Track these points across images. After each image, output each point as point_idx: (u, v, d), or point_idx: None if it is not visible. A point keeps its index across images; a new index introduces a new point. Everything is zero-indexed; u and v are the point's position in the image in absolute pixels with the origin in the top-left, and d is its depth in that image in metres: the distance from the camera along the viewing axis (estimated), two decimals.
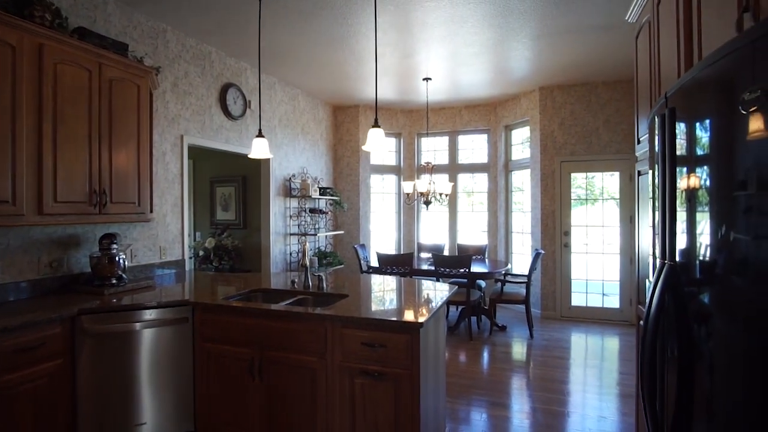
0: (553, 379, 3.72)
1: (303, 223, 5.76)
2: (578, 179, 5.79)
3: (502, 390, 3.54)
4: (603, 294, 5.64)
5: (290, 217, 5.56)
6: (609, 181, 5.66)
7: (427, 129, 6.64)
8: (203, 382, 2.53)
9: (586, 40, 4.15)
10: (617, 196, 5.53)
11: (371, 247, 6.75)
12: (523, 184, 6.41)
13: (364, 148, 2.75)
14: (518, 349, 4.55)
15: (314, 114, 6.25)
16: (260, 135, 3.12)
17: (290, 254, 5.55)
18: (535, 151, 5.85)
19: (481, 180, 6.87)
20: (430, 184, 5.15)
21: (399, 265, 4.82)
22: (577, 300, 5.66)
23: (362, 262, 5.57)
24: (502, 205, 6.53)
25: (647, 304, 1.18)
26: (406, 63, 4.80)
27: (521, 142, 6.41)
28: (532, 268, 4.89)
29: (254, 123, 4.88)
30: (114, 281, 2.84)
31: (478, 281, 5.32)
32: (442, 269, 4.74)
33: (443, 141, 7.05)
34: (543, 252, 5.00)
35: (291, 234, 5.56)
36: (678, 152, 1.27)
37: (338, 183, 6.79)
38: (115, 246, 2.87)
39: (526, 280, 4.87)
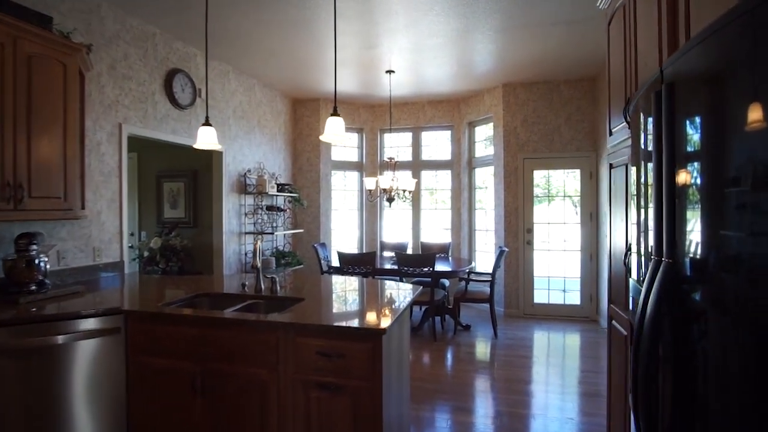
0: (518, 380, 3.63)
1: (259, 221, 5.45)
2: (540, 176, 5.80)
3: (467, 393, 3.41)
4: (564, 291, 5.67)
5: (245, 214, 5.23)
6: (570, 179, 5.70)
7: (390, 124, 6.47)
8: (138, 401, 2.23)
9: (550, 35, 4.10)
10: (578, 193, 5.57)
11: (332, 246, 6.52)
12: (484, 182, 6.37)
13: (322, 138, 2.53)
14: (482, 349, 4.46)
15: (272, 106, 5.94)
16: (207, 123, 2.84)
17: (245, 254, 5.23)
18: (499, 148, 5.81)
19: (445, 177, 6.78)
20: (392, 180, 4.98)
21: (361, 264, 4.62)
22: (540, 297, 5.67)
23: (322, 262, 5.33)
24: (465, 203, 6.46)
25: (640, 305, 1.04)
26: (369, 54, 4.60)
27: (484, 139, 6.36)
28: (496, 266, 4.82)
29: (205, 113, 4.53)
30: (33, 288, 2.47)
31: (441, 280, 5.21)
32: (406, 268, 4.59)
33: (406, 137, 6.91)
34: (507, 250, 4.95)
35: (246, 233, 5.24)
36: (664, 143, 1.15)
37: (298, 179, 6.51)
38: (34, 247, 2.50)
39: (491, 279, 4.80)
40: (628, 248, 1.82)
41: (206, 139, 2.78)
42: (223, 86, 4.90)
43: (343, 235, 6.90)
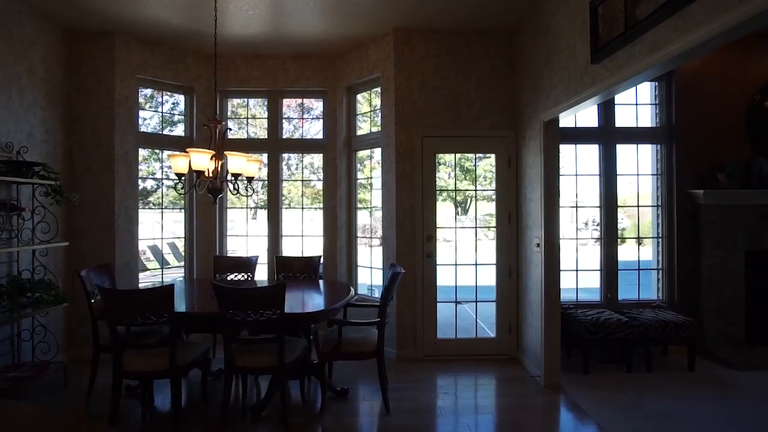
0: None
1: None
2: (445, 162, 4.24)
3: None
4: (476, 320, 4.18)
5: None
6: (482, 166, 4.24)
7: (215, 80, 4.34)
8: None
9: None
10: (493, 186, 4.11)
11: (139, 265, 4.20)
12: (368, 180, 4.63)
13: None
14: None
15: (9, 31, 3.41)
16: None
17: None
18: (389, 120, 4.09)
19: (316, 163, 4.89)
20: (213, 159, 2.89)
21: (145, 310, 2.48)
22: (444, 330, 4.09)
23: (94, 297, 3.05)
24: (343, 199, 4.63)
25: None
26: None
27: (370, 111, 4.62)
28: (387, 297, 3.07)
29: None
30: None
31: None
32: (234, 313, 2.58)
33: (260, 105, 4.86)
34: (403, 271, 3.22)
35: None
36: None
37: (76, 159, 4.03)
38: None
39: (379, 318, 3.02)
40: None
41: None
42: None
43: (164, 249, 4.59)
